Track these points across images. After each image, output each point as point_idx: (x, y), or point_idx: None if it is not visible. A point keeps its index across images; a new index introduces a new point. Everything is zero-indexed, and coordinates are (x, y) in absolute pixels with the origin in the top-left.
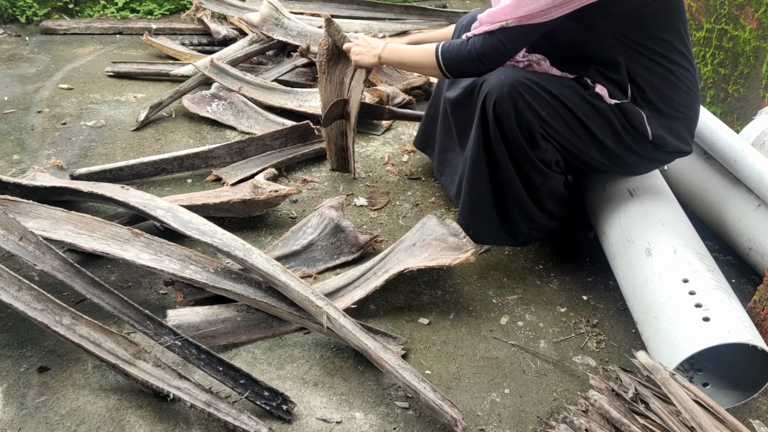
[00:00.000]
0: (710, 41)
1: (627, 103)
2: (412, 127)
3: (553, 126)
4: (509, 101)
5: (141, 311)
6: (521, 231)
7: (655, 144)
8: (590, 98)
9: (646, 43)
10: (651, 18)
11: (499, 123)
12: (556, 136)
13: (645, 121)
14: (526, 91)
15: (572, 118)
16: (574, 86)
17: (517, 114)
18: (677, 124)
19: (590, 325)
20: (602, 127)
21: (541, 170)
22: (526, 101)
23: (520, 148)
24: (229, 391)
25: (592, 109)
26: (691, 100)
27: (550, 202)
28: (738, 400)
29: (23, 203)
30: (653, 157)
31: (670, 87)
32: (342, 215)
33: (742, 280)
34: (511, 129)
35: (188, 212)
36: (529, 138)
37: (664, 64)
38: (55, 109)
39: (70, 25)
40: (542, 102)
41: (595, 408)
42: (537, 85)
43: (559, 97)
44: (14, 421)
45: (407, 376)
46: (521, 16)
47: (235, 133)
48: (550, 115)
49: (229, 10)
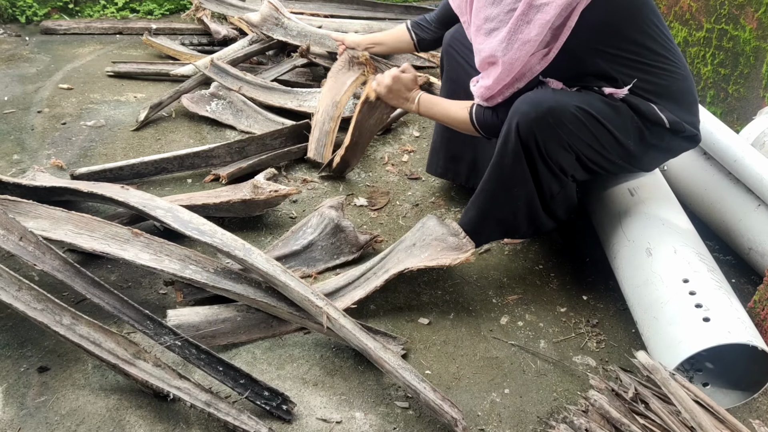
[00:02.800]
0: (710, 41)
1: (633, 97)
2: (412, 127)
3: (580, 138)
4: (538, 120)
5: (141, 311)
6: (524, 234)
7: (674, 131)
8: (608, 101)
9: (623, 45)
10: (616, 22)
11: (522, 142)
12: (581, 146)
13: (657, 110)
14: (556, 110)
15: (598, 126)
16: (593, 93)
17: (545, 131)
18: (682, 111)
19: (590, 325)
20: (624, 128)
21: (561, 179)
22: (556, 118)
23: (544, 162)
24: (229, 391)
25: (613, 112)
26: (688, 85)
27: (560, 209)
28: (738, 400)
29: (23, 203)
30: (672, 147)
31: (664, 79)
32: (342, 215)
33: (742, 280)
34: (537, 146)
35: (188, 212)
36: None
37: (648, 60)
38: (55, 109)
39: (70, 25)
40: (571, 117)
41: (595, 408)
42: (565, 102)
43: (585, 107)
44: (14, 421)
45: (407, 376)
46: (518, 74)
47: (235, 132)
48: (579, 128)
49: (229, 10)
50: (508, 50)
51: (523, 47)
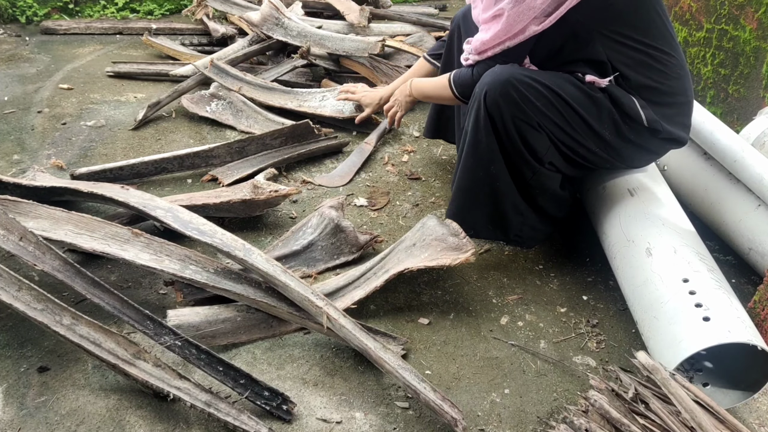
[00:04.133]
0: (710, 41)
1: (616, 88)
2: (412, 128)
3: (548, 116)
4: (503, 92)
5: (141, 311)
6: (513, 226)
7: (651, 130)
8: (586, 88)
9: (624, 32)
10: (622, 6)
11: (490, 114)
12: (551, 127)
13: (637, 106)
14: (521, 84)
15: (568, 108)
16: (568, 77)
17: (510, 104)
18: (671, 111)
19: (590, 325)
20: (599, 117)
21: (531, 165)
22: (520, 91)
23: (511, 141)
24: (229, 391)
25: (588, 100)
26: (681, 84)
27: (542, 198)
28: (738, 400)
29: (23, 203)
30: (651, 147)
31: (657, 74)
32: (342, 215)
33: (742, 280)
34: (503, 120)
35: (188, 212)
36: (521, 129)
37: (646, 51)
38: (55, 109)
39: (70, 25)
40: (536, 92)
41: (595, 408)
42: (531, 77)
43: (554, 88)
44: (14, 421)
45: (407, 376)
46: (515, 33)
47: (235, 132)
48: (545, 105)
49: (233, 9)
50: (516, 5)
51: (527, 11)
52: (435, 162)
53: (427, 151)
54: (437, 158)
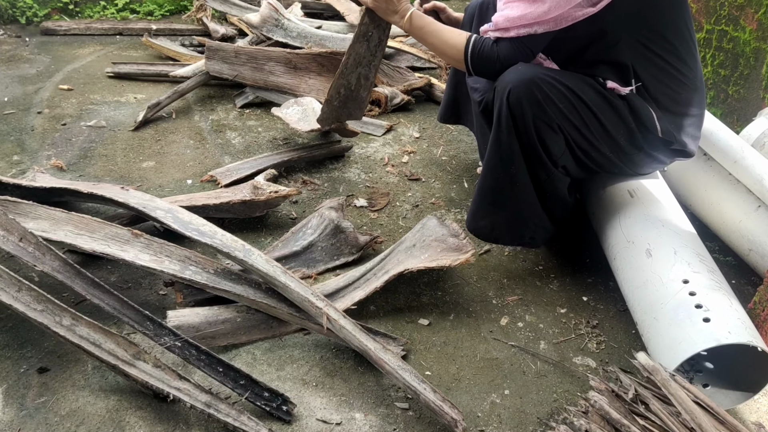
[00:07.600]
0: (710, 42)
1: (636, 97)
2: (412, 128)
3: (569, 119)
4: (526, 92)
5: (141, 312)
6: (529, 227)
7: (665, 141)
8: (606, 94)
9: (652, 39)
10: (655, 13)
11: (512, 113)
12: (570, 129)
13: (654, 118)
14: (545, 84)
15: (588, 112)
16: (590, 81)
17: (533, 104)
18: (684, 122)
19: (590, 326)
20: (616, 123)
21: (547, 166)
22: (544, 92)
23: (530, 141)
24: (229, 392)
25: (607, 105)
26: (698, 97)
27: (551, 201)
28: (738, 401)
29: (23, 204)
30: (661, 156)
31: (676, 83)
32: (342, 216)
33: (742, 281)
34: (524, 120)
35: (188, 213)
36: (540, 130)
37: (670, 61)
38: (55, 110)
39: (70, 25)
40: (559, 94)
41: (595, 409)
42: (554, 78)
43: (576, 91)
44: (14, 421)
45: (407, 377)
46: (548, 19)
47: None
48: (567, 108)
49: (232, 9)
50: None
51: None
52: (435, 163)
53: (427, 152)
54: (437, 159)
